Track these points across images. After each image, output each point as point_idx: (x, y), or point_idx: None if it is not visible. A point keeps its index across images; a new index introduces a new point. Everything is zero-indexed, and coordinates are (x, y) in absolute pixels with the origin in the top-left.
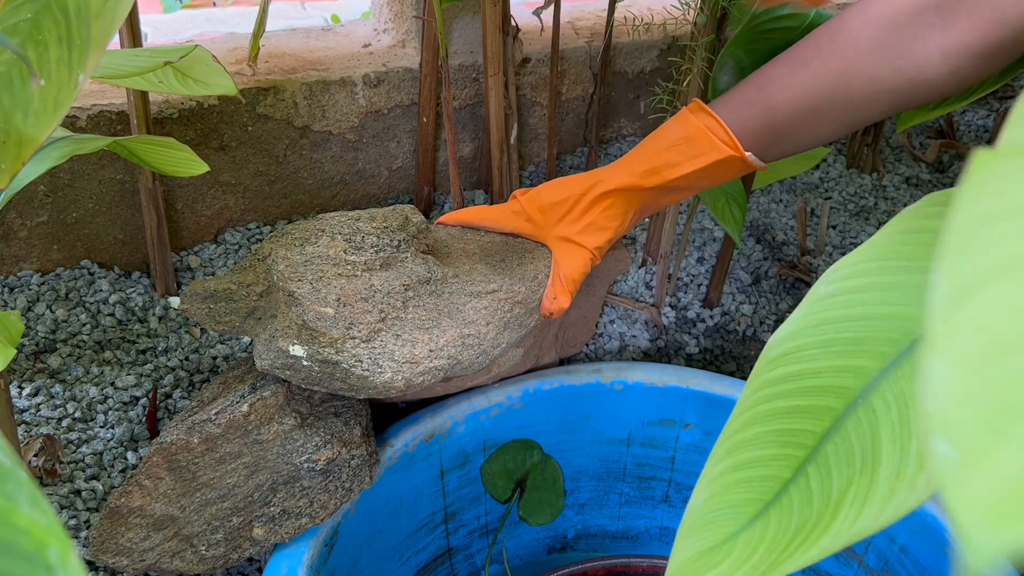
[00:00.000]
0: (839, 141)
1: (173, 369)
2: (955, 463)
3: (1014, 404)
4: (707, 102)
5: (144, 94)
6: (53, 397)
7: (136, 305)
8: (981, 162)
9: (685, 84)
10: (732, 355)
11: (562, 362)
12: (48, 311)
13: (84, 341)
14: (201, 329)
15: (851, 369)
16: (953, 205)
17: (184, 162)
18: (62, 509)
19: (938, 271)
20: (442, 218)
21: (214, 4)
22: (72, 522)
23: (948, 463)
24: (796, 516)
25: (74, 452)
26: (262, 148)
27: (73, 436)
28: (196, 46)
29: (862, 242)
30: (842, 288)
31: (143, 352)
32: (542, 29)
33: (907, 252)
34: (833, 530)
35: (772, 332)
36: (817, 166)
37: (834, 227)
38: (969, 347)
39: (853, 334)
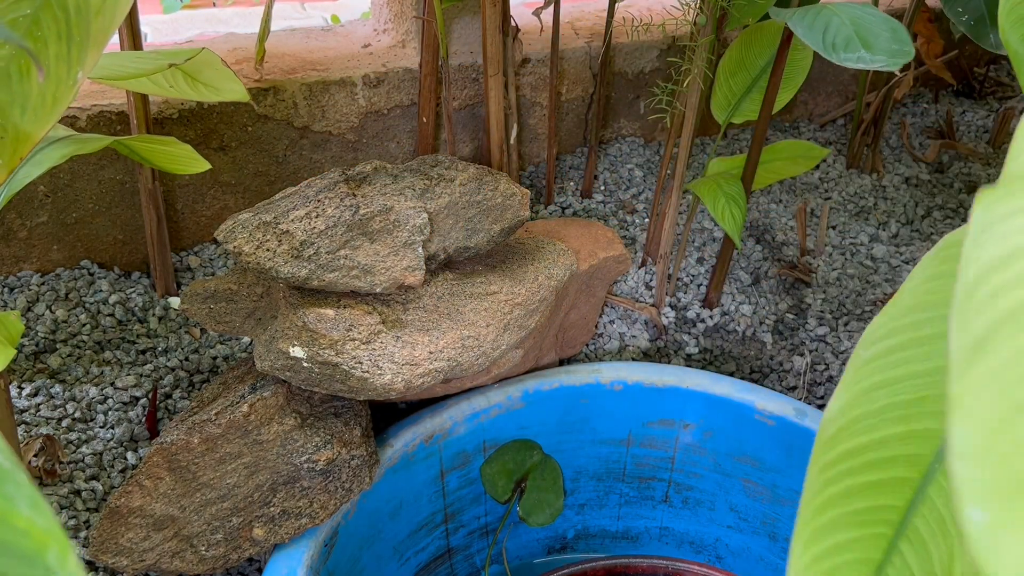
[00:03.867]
0: (839, 141)
1: (173, 369)
2: (986, 527)
3: None
4: (708, 103)
5: (144, 95)
6: (53, 397)
7: (136, 305)
8: (985, 203)
9: (685, 84)
10: (732, 355)
11: (562, 362)
12: (48, 311)
13: (84, 341)
14: (201, 329)
15: (917, 434)
16: (962, 253)
17: (185, 159)
18: (62, 509)
19: (951, 327)
20: None
21: (214, 4)
22: (72, 522)
23: (980, 527)
24: None
25: (74, 452)
26: (262, 148)
27: (73, 436)
28: (202, 49)
29: (862, 242)
30: (881, 349)
31: (143, 352)
32: (542, 29)
33: (934, 300)
34: None
35: (771, 332)
36: (817, 166)
37: (834, 227)
38: (987, 405)
39: (909, 396)
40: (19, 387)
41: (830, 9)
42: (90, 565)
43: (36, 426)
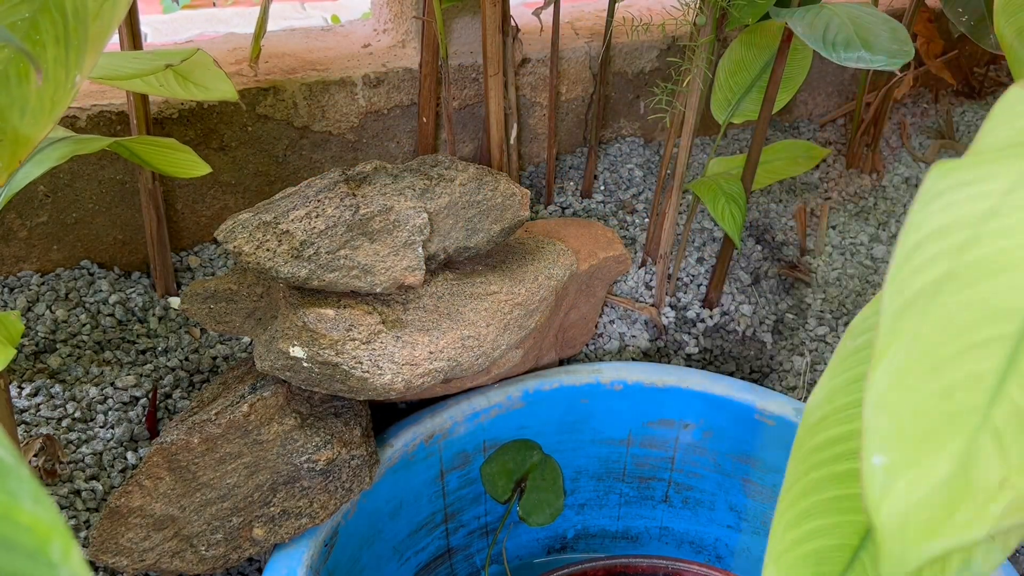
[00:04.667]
0: (839, 141)
1: (173, 369)
2: (884, 471)
3: (944, 416)
4: (708, 103)
5: (144, 95)
6: (53, 397)
7: (136, 305)
8: (940, 171)
9: (685, 84)
10: (732, 355)
11: (562, 362)
12: (48, 311)
13: (84, 341)
14: (201, 329)
15: None
16: (906, 219)
17: (185, 163)
18: (62, 509)
19: (886, 285)
20: None
21: (214, 4)
22: (72, 522)
23: (877, 472)
24: None
25: (74, 452)
26: (262, 148)
27: (73, 436)
28: (196, 49)
29: (862, 242)
30: (867, 340)
31: (143, 352)
32: (542, 29)
33: None
34: None
35: (771, 332)
36: (817, 166)
37: (834, 227)
38: (908, 360)
39: None
40: (19, 387)
41: (830, 9)
42: (90, 565)
43: (36, 426)
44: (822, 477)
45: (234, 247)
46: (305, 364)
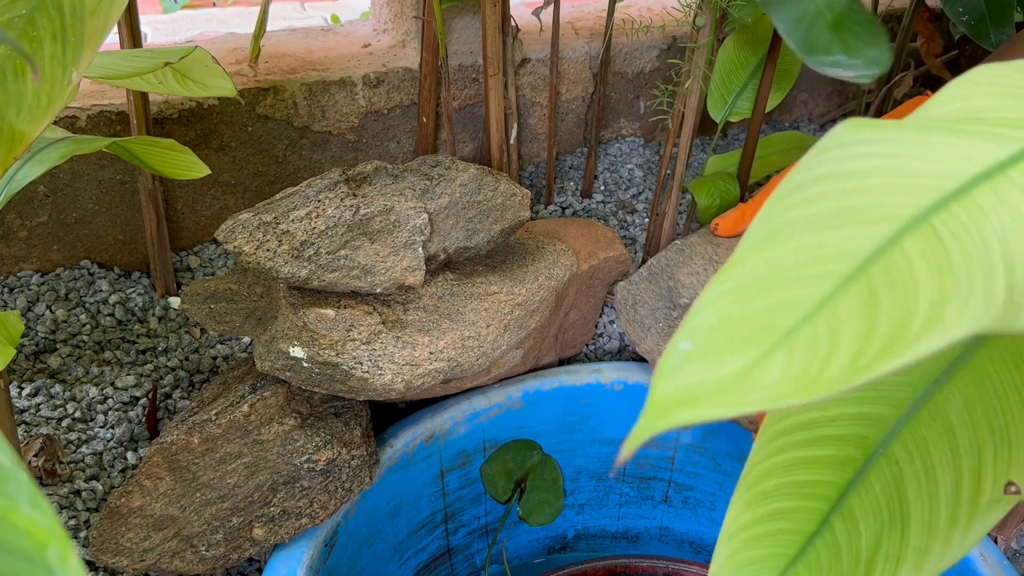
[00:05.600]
0: None
1: (173, 369)
2: (684, 355)
3: (756, 330)
4: (705, 103)
5: (144, 94)
6: (53, 397)
7: (136, 305)
8: (844, 128)
9: (685, 86)
10: None
11: (562, 363)
12: (48, 311)
13: (84, 341)
14: (201, 329)
15: (868, 417)
16: (803, 159)
17: (184, 164)
18: (62, 509)
19: (759, 216)
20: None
21: (214, 4)
22: (72, 522)
23: (678, 354)
24: (826, 572)
25: (74, 452)
26: (262, 148)
27: (73, 436)
28: (196, 47)
29: None
30: None
31: (143, 352)
32: (542, 29)
33: None
34: None
35: None
36: None
37: None
38: (749, 276)
39: None
40: (19, 387)
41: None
42: (90, 565)
43: (36, 426)
44: (786, 461)
45: (234, 247)
46: (305, 364)
